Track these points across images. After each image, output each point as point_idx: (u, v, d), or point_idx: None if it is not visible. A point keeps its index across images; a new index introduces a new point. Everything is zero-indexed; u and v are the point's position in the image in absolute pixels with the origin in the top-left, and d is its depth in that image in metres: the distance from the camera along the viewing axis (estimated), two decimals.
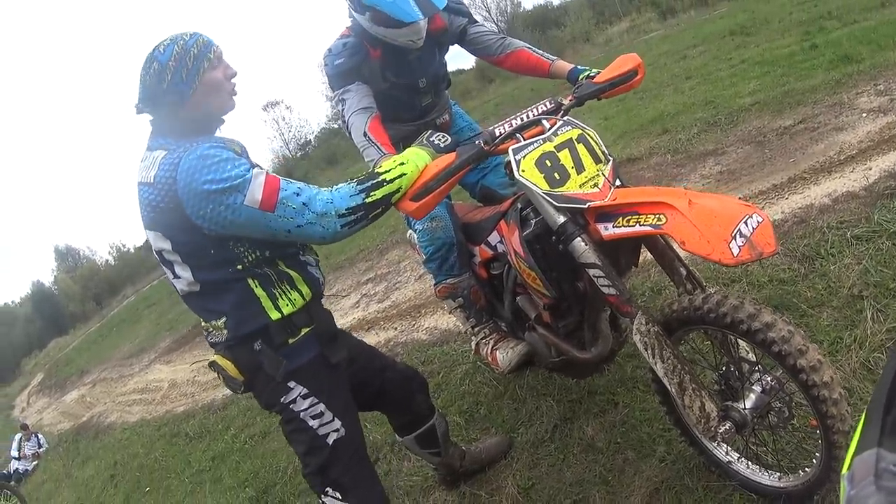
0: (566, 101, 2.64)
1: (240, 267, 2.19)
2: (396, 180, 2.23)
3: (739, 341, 2.30)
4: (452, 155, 2.28)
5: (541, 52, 3.32)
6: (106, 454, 8.71)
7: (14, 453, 12.37)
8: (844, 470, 0.87)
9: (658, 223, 2.04)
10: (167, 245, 2.17)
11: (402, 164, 2.28)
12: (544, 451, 3.26)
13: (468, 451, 3.31)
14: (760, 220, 1.90)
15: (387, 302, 7.44)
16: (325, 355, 2.37)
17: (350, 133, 3.03)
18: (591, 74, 2.91)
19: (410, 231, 3.91)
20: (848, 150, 5.19)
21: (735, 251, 1.84)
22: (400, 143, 3.17)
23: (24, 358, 42.50)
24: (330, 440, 2.35)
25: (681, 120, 8.08)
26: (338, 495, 2.40)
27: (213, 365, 2.33)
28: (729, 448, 2.51)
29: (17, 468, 12.11)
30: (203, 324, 2.35)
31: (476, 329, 3.38)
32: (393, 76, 3.15)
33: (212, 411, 7.39)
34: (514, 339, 3.20)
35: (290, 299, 2.28)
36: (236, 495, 4.87)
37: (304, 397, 2.31)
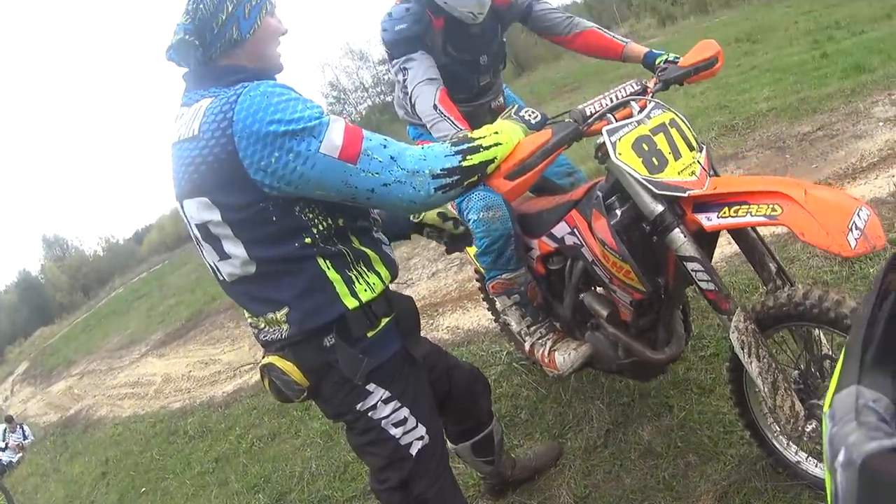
0: (651, 84, 2.49)
1: (308, 240, 1.80)
2: (493, 148, 1.90)
3: (823, 338, 2.26)
4: (548, 132, 2.04)
5: (612, 33, 3.17)
6: (97, 450, 8.42)
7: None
8: (826, 408, 0.89)
9: (773, 213, 1.92)
10: (214, 215, 1.76)
11: (497, 132, 1.95)
12: (598, 457, 3.07)
13: (518, 459, 3.09)
14: (869, 213, 1.84)
15: None
16: (407, 350, 2.04)
17: (414, 105, 2.80)
18: (671, 58, 2.79)
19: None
20: (869, 157, 5.19)
21: (853, 243, 1.77)
22: None
23: (7, 346, 41.65)
24: (413, 450, 2.03)
25: (697, 123, 7.99)
26: None
27: (267, 369, 1.94)
28: (798, 448, 2.45)
29: (0, 459, 11.84)
30: (251, 318, 1.97)
31: (532, 329, 3.13)
32: (454, 51, 2.96)
33: (212, 409, 7.10)
34: (573, 339, 3.00)
35: (368, 283, 1.91)
36: (246, 501, 4.58)
37: (386, 402, 1.97)
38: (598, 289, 2.79)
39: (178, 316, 14.04)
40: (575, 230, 2.67)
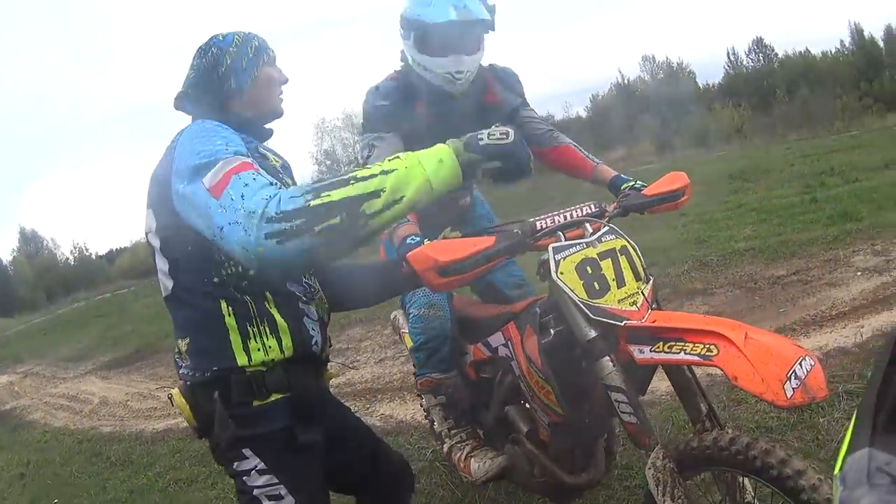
0: (610, 208, 2.48)
1: (217, 280, 1.85)
2: (374, 179, 1.54)
3: (747, 485, 2.18)
4: (491, 238, 2.04)
5: (586, 152, 3.13)
6: (21, 450, 8.26)
7: None
8: (836, 470, 0.89)
9: (708, 354, 1.86)
10: (153, 228, 1.89)
11: (398, 157, 1.62)
12: None
13: None
14: (813, 364, 1.80)
15: (342, 378, 7.01)
16: (293, 430, 1.97)
17: None
18: (636, 186, 2.77)
19: (395, 313, 3.66)
20: (840, 306, 5.21)
21: (789, 393, 1.72)
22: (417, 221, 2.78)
23: None
24: None
25: (671, 255, 8.03)
26: None
27: (171, 399, 1.98)
28: None
29: None
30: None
31: (453, 431, 3.09)
32: (432, 140, 2.93)
33: (139, 442, 6.98)
34: (491, 449, 2.95)
35: (264, 345, 1.89)
36: None
37: (261, 473, 1.92)
38: (525, 403, 2.74)
39: (130, 344, 13.85)
40: (509, 342, 2.63)
